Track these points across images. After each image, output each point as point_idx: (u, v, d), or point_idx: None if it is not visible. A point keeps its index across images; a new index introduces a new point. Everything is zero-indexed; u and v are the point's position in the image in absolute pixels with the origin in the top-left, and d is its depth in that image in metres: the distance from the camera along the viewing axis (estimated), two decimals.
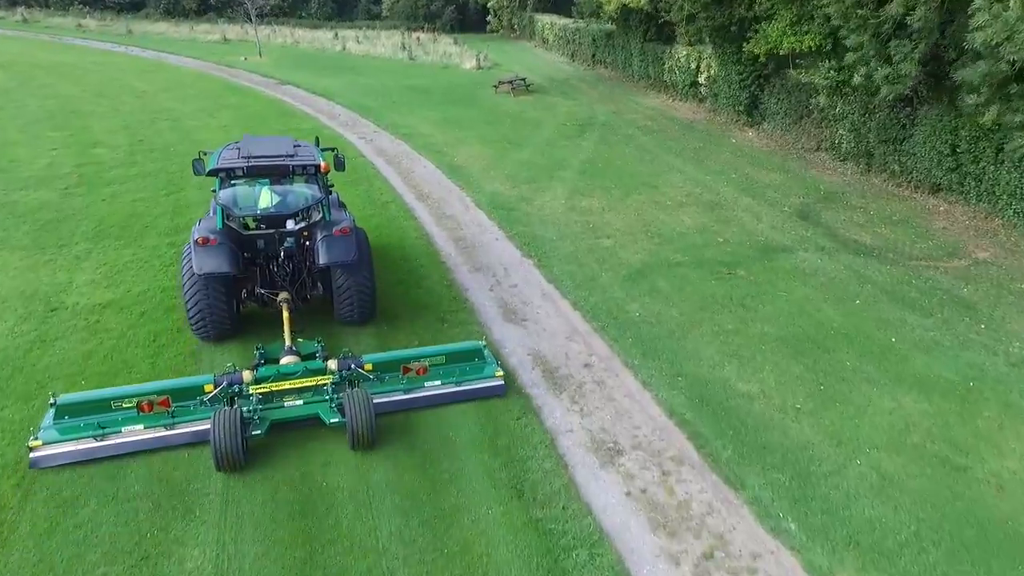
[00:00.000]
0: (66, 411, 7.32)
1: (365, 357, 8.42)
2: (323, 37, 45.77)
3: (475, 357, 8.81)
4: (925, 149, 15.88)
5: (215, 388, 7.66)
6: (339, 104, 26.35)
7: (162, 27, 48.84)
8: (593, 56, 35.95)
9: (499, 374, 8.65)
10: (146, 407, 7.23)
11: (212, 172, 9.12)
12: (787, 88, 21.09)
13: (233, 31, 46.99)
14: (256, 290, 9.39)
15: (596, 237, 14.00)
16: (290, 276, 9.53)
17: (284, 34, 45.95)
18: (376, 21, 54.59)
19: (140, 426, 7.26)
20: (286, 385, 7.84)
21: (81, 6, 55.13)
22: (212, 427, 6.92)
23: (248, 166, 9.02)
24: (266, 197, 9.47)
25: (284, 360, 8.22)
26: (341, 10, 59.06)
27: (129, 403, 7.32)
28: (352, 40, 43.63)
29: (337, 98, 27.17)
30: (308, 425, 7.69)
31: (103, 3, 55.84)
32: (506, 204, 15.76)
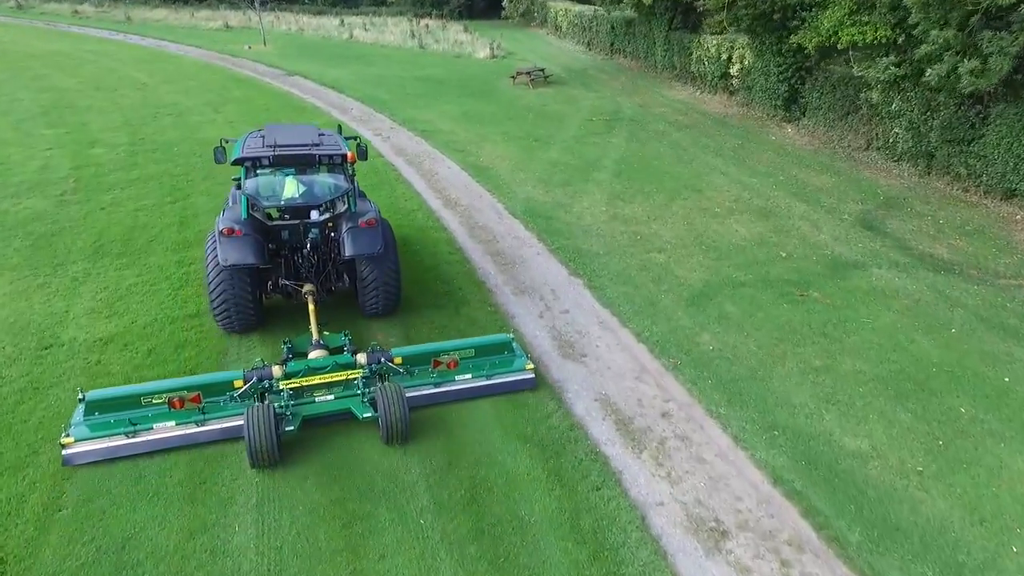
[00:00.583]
0: (96, 407, 7.10)
1: (394, 350, 8.16)
2: (328, 24, 43.94)
3: (504, 350, 8.57)
4: (999, 151, 14.45)
5: (245, 384, 7.44)
6: (351, 97, 24.79)
7: (162, 13, 46.92)
8: (611, 45, 34.28)
9: (529, 367, 8.45)
10: (177, 403, 7.11)
11: (237, 161, 8.71)
12: (832, 82, 19.58)
13: (235, 18, 45.14)
14: (280, 282, 9.16)
15: (646, 251, 12.61)
16: (315, 268, 9.31)
17: (288, 21, 44.11)
18: (382, 7, 52.65)
19: (171, 423, 7.09)
20: (316, 380, 7.62)
21: None
22: (246, 424, 6.73)
23: (275, 155, 8.69)
24: (292, 187, 9.13)
25: (313, 354, 7.99)
26: None
27: (159, 399, 7.16)
28: (359, 28, 41.84)
29: (348, 90, 25.60)
30: (339, 420, 7.51)
31: None
32: (542, 212, 14.35)
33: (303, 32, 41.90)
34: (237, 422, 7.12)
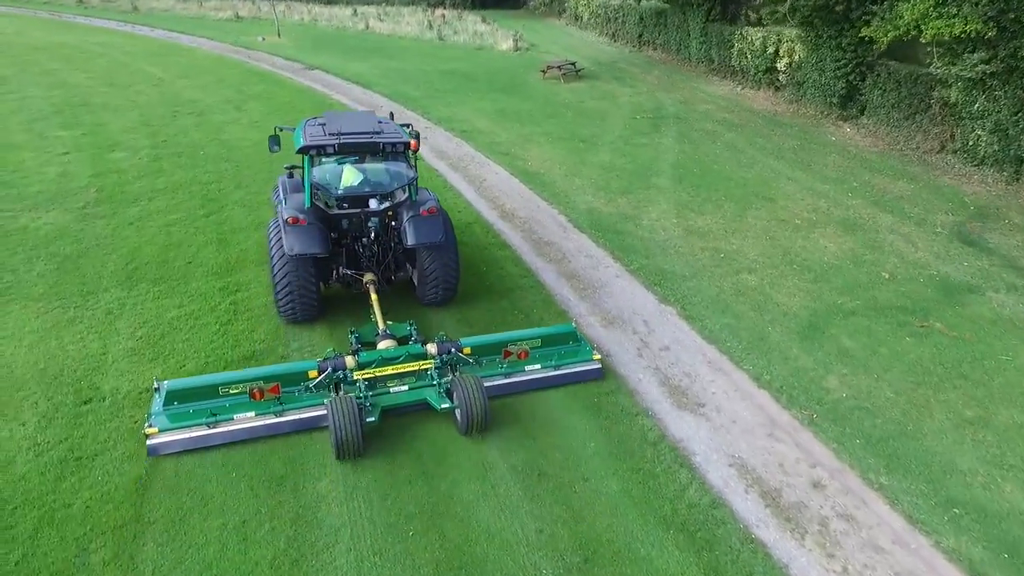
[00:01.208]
0: (175, 397, 6.95)
1: (463, 340, 8.00)
2: (341, 14, 42.21)
3: (569, 340, 8.42)
4: None
5: (319, 374, 7.33)
6: (377, 93, 23.29)
7: (169, 3, 45.01)
8: (639, 37, 32.71)
9: (597, 357, 8.38)
10: (257, 394, 7.04)
11: (302, 150, 8.45)
12: (897, 78, 18.19)
13: (246, 8, 43.35)
14: (342, 271, 9.01)
15: (735, 271, 11.30)
16: (376, 257, 9.16)
17: (300, 11, 42.31)
18: None
19: (251, 413, 7.01)
20: (389, 370, 7.50)
21: None
22: (331, 415, 6.65)
23: (340, 143, 8.47)
24: (359, 175, 8.98)
25: (382, 344, 7.86)
26: None
27: (236, 389, 7.06)
28: (373, 18, 40.15)
29: (374, 86, 24.09)
30: (412, 410, 7.41)
31: None
32: (609, 225, 13.01)
33: (316, 22, 40.18)
34: (314, 413, 7.12)
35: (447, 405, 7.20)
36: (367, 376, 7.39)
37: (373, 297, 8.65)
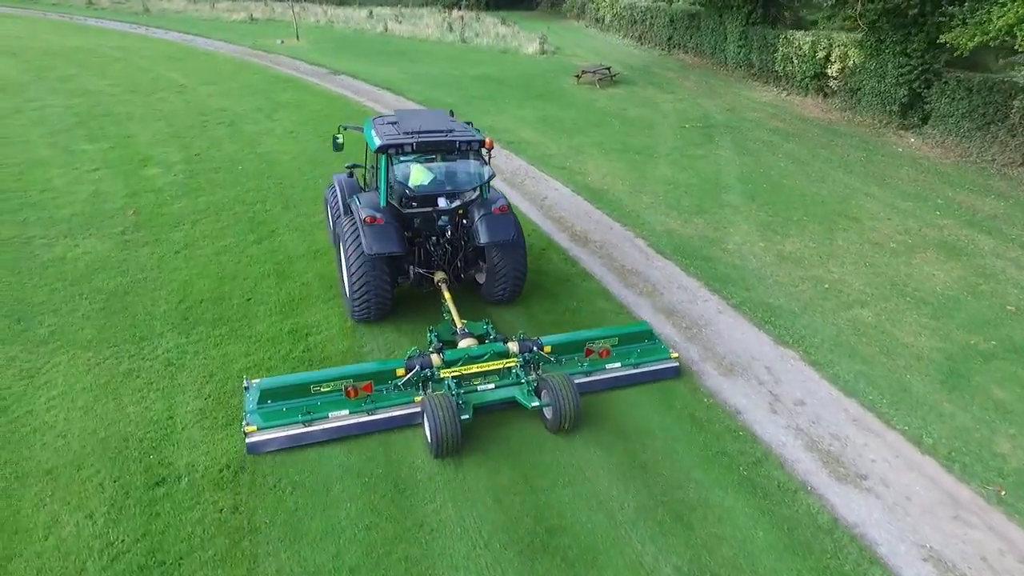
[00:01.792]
0: (268, 396, 6.93)
1: (543, 339, 7.94)
2: (357, 16, 40.88)
3: (644, 338, 8.39)
4: None
5: (407, 372, 7.30)
6: (410, 100, 22.06)
7: (180, 4, 43.56)
8: (669, 39, 31.51)
9: (674, 355, 8.33)
10: (352, 392, 7.01)
11: (380, 149, 8.34)
12: (969, 86, 17.05)
13: (259, 9, 41.97)
14: (414, 270, 8.94)
15: (845, 305, 10.16)
16: (447, 255, 9.07)
17: (315, 12, 40.93)
18: None
19: (345, 411, 6.98)
20: (474, 368, 7.44)
21: None
22: (430, 413, 6.60)
23: (418, 142, 8.37)
24: (425, 174, 8.76)
25: (463, 343, 7.76)
26: None
27: (327, 387, 7.05)
28: (391, 20, 38.85)
29: (406, 92, 22.85)
30: (498, 409, 7.33)
31: None
32: (693, 249, 11.86)
33: (333, 24, 38.85)
34: (405, 410, 7.10)
35: (537, 403, 7.15)
36: (455, 374, 7.33)
37: (447, 295, 8.56)
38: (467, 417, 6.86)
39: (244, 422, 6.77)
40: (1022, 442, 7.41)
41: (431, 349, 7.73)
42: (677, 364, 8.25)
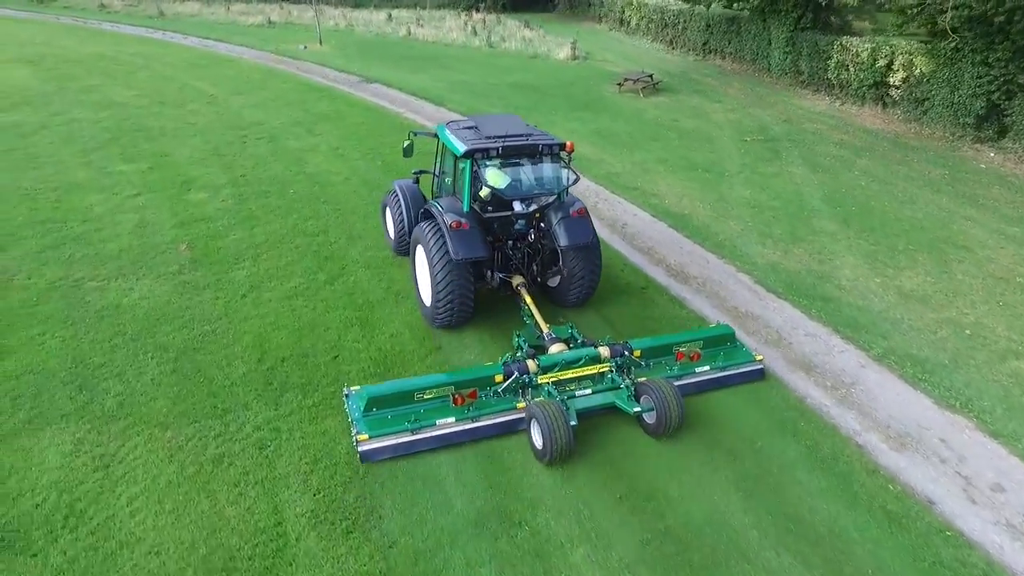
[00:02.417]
0: (374, 403, 6.78)
1: (633, 343, 7.90)
2: (376, 19, 39.50)
3: (727, 341, 8.38)
4: None
5: (505, 379, 7.17)
6: (452, 110, 20.78)
7: (194, 7, 42.12)
8: (704, 44, 30.23)
9: (759, 358, 8.32)
10: (459, 400, 6.92)
11: (467, 154, 8.23)
12: None
13: (276, 12, 40.55)
14: (495, 274, 8.93)
15: (999, 357, 8.92)
16: (525, 259, 9.14)
17: (333, 16, 39.54)
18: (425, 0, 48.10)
19: (451, 418, 6.84)
20: (570, 373, 7.40)
21: None
22: (542, 419, 6.46)
23: (504, 146, 8.29)
24: (502, 178, 8.41)
25: (554, 348, 7.75)
26: None
27: (430, 394, 6.92)
28: (413, 23, 37.47)
29: (446, 102, 21.55)
30: (596, 414, 7.20)
31: None
32: (806, 287, 10.64)
33: (353, 28, 37.44)
34: (509, 417, 7.01)
35: (639, 408, 7.02)
36: (553, 380, 7.27)
37: (528, 300, 8.58)
38: (574, 423, 6.73)
39: (354, 431, 6.70)
40: None
41: (522, 355, 7.67)
42: (762, 367, 8.26)
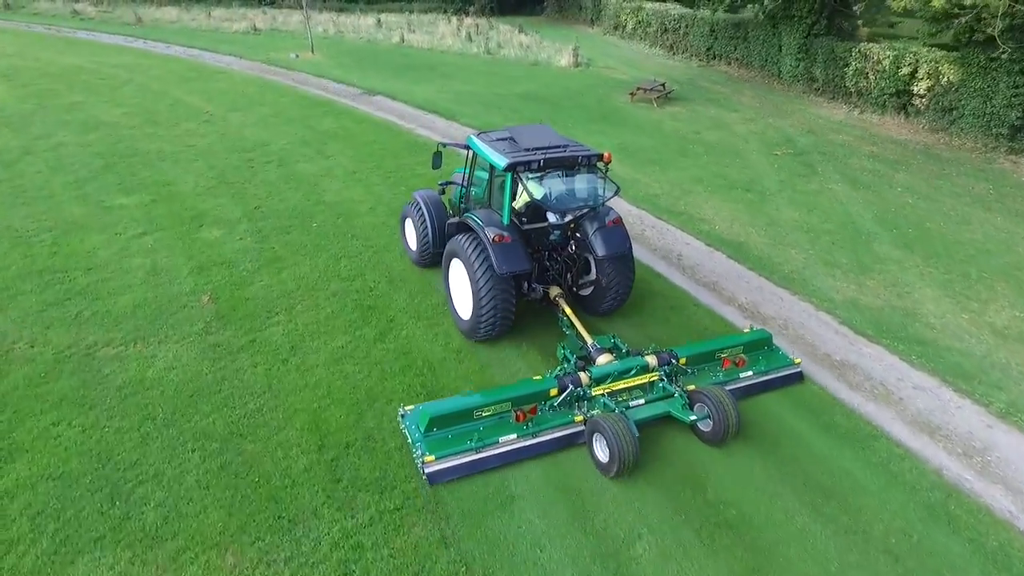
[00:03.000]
0: (435, 424, 6.67)
1: (678, 350, 7.84)
2: (365, 24, 37.91)
3: (764, 345, 8.43)
4: None
5: (560, 392, 7.11)
6: (464, 124, 19.51)
7: (173, 13, 39.88)
8: (708, 50, 29.37)
9: (798, 361, 8.39)
10: (520, 416, 6.88)
11: (509, 167, 7.95)
12: None
13: (261, 19, 38.62)
14: (533, 286, 8.84)
15: None
16: (561, 270, 9.07)
17: (321, 21, 37.80)
18: (413, 3, 46.52)
19: (513, 435, 6.75)
20: (621, 384, 7.32)
21: None
22: (609, 433, 6.41)
23: (546, 158, 8.04)
24: (570, 189, 8.34)
25: (601, 359, 7.61)
26: None
27: (488, 411, 6.83)
28: (405, 29, 35.96)
29: (458, 116, 20.26)
30: (651, 424, 7.12)
31: None
32: (895, 327, 9.69)
33: (343, 35, 35.78)
34: (568, 431, 6.94)
35: (694, 417, 7.01)
36: (607, 391, 7.26)
37: (568, 311, 8.50)
38: (637, 435, 6.65)
39: (417, 451, 6.55)
40: None
41: (571, 367, 7.69)
42: (800, 370, 8.35)
